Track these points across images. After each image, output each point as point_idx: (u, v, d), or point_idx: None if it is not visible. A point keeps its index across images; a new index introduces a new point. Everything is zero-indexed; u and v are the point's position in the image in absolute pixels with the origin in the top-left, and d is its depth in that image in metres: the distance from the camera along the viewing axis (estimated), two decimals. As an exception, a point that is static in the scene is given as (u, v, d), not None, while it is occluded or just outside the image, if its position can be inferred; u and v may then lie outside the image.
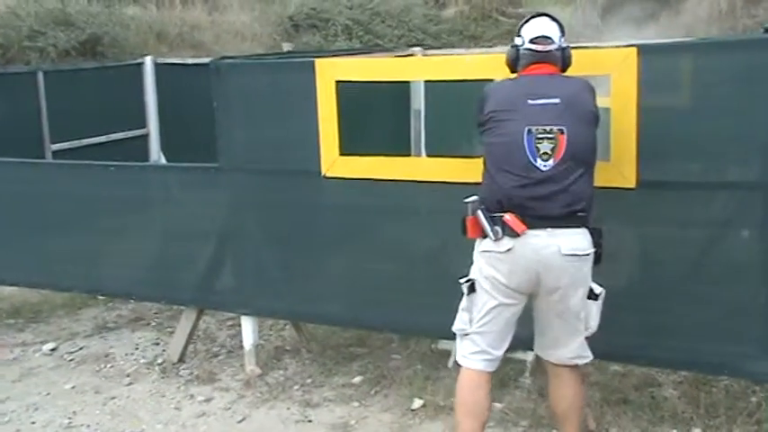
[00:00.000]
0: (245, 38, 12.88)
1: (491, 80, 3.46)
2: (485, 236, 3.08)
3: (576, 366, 3.22)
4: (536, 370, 4.05)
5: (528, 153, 3.00)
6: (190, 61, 7.25)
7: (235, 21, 13.23)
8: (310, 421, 3.92)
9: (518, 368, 4.17)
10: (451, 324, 3.24)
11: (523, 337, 3.27)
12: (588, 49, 3.76)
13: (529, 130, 3.01)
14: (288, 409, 4.04)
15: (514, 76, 3.25)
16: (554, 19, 3.25)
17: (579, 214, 3.02)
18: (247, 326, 4.42)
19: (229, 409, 4.08)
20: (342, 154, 3.94)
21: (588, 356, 3.21)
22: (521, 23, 3.29)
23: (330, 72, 3.91)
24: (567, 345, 3.16)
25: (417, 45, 11.14)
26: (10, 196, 4.97)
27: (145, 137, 6.96)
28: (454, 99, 5.51)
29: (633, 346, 3.54)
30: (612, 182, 3.38)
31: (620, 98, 3.34)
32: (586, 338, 3.18)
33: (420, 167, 3.98)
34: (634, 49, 3.32)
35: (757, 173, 3.22)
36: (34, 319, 5.46)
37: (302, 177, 4.06)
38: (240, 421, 3.96)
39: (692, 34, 10.59)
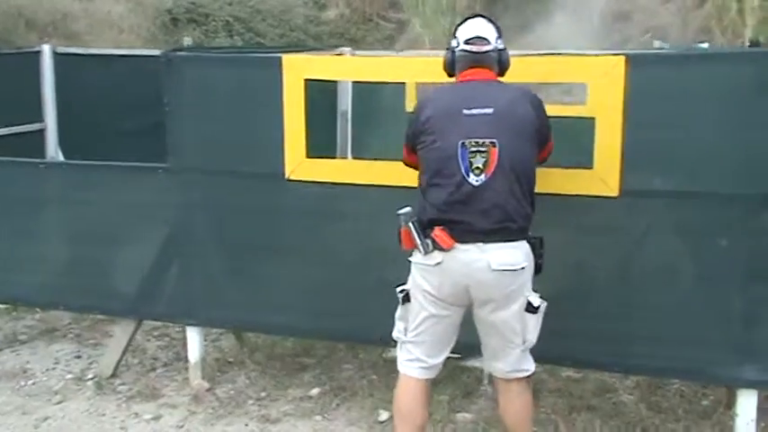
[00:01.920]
0: (121, 29, 12.28)
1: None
2: (414, 247, 3.03)
3: (522, 378, 3.14)
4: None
5: (462, 168, 2.92)
6: (92, 51, 6.77)
7: (109, 11, 12.58)
8: (273, 438, 3.72)
9: (476, 376, 4.13)
10: None
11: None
12: (572, 56, 3.74)
13: (462, 144, 2.92)
14: (246, 425, 3.81)
15: (452, 81, 3.19)
16: (490, 20, 3.19)
17: (512, 228, 2.96)
18: (194, 337, 4.14)
19: (182, 427, 3.81)
20: (308, 156, 3.76)
21: (528, 370, 3.13)
22: (456, 25, 3.22)
23: (298, 69, 3.72)
24: (504, 358, 3.10)
25: (298, 46, 11.02)
26: None
27: (41, 131, 6.41)
28: (381, 101, 5.49)
29: (607, 353, 3.57)
30: (594, 190, 3.40)
31: (603, 107, 3.36)
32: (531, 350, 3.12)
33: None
34: (622, 58, 3.35)
35: (734, 184, 3.31)
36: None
37: (264, 180, 3.84)
38: (197, 440, 3.71)
39: (563, 47, 11.01)
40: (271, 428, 3.78)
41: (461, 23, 3.19)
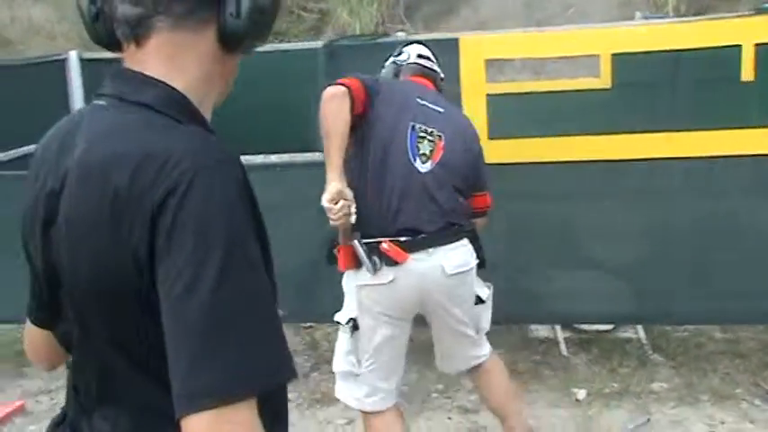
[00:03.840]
0: (52, 36, 11.55)
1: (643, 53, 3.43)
2: (358, 266, 2.72)
3: (482, 363, 3.07)
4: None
5: (409, 150, 2.75)
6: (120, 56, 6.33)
7: (30, 16, 11.80)
8: None
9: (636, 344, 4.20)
10: None
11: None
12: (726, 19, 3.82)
13: (413, 126, 2.77)
14: (449, 419, 3.71)
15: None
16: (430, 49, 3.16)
17: (457, 225, 2.83)
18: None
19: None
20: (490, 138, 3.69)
21: (485, 353, 3.06)
22: (399, 48, 3.15)
23: (477, 50, 3.63)
24: (459, 354, 3.03)
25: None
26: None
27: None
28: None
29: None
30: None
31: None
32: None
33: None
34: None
35: None
36: None
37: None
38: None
39: (487, 29, 11.24)
40: (474, 418, 3.69)
41: (405, 45, 3.16)
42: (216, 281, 0.97)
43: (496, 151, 3.63)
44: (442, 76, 3.10)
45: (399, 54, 3.09)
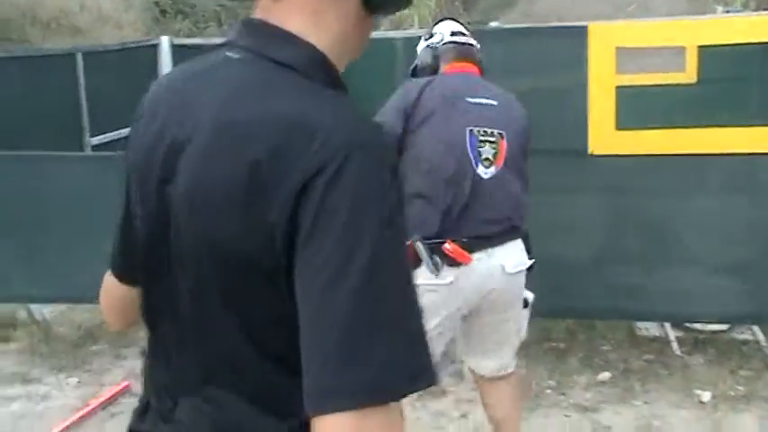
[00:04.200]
0: (119, 24, 11.67)
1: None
2: (418, 266, 2.58)
3: (511, 374, 2.95)
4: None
5: (471, 156, 2.60)
6: (212, 41, 6.33)
7: (99, 5, 11.93)
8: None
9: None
10: None
11: None
12: None
13: (471, 131, 2.61)
14: (567, 416, 3.61)
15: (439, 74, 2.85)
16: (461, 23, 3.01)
17: (516, 226, 2.73)
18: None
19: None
20: (618, 129, 3.58)
21: (514, 365, 2.95)
22: (429, 29, 3.01)
23: (607, 37, 3.53)
24: (497, 356, 2.89)
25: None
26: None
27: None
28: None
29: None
30: None
31: None
32: None
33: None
34: None
35: None
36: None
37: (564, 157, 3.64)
38: None
39: (546, 21, 11.08)
40: (595, 417, 3.59)
41: (435, 24, 3.01)
42: (367, 272, 0.87)
43: (623, 143, 3.54)
44: (478, 46, 2.90)
45: (431, 36, 2.91)
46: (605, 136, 3.57)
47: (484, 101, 2.67)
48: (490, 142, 2.61)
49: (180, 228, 1.02)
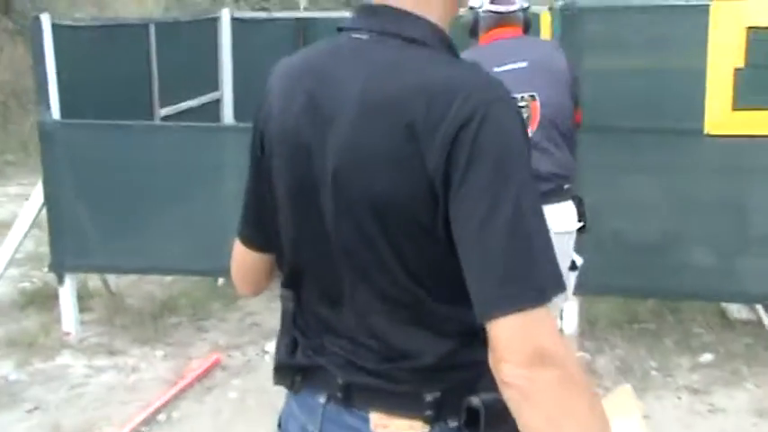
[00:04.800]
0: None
1: None
2: None
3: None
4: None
5: None
6: (274, 15, 6.21)
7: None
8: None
9: None
10: None
11: None
12: None
13: None
14: (679, 398, 3.58)
15: (474, 45, 2.94)
16: None
17: (564, 186, 2.78)
18: (572, 308, 3.84)
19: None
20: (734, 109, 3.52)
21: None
22: None
23: (735, 16, 3.45)
24: None
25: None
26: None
27: (216, 101, 5.84)
28: None
29: None
30: None
31: None
32: None
33: None
34: None
35: None
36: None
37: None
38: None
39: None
40: (708, 400, 3.55)
41: None
42: (515, 206, 1.03)
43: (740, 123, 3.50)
44: (525, 5, 2.90)
45: None
46: (722, 115, 3.50)
47: (510, 66, 2.70)
48: (521, 107, 2.62)
49: (337, 188, 1.13)
